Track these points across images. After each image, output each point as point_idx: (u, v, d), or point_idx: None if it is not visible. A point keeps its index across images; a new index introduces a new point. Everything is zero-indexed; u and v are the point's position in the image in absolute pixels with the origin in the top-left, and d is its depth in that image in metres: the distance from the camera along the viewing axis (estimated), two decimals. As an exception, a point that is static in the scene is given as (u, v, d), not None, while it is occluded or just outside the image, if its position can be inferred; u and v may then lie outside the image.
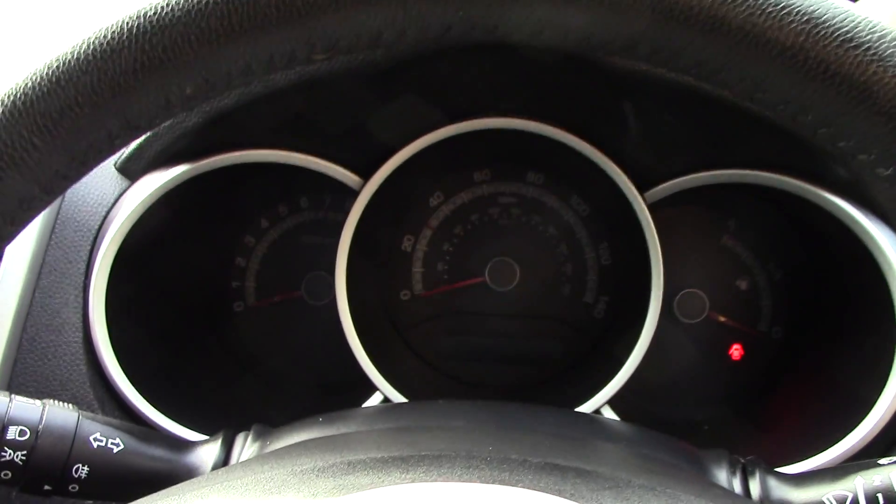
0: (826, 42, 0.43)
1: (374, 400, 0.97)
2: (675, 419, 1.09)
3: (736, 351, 1.12)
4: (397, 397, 0.96)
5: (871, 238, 0.85)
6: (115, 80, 0.46)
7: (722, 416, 1.09)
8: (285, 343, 1.15)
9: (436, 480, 0.47)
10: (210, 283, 1.14)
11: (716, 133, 0.91)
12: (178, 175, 0.89)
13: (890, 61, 0.43)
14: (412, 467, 0.50)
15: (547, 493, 0.45)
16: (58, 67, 0.46)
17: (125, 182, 0.92)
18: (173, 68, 0.47)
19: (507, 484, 0.47)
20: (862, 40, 0.43)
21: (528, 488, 0.46)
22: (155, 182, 0.89)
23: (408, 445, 0.58)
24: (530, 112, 0.93)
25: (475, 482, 0.47)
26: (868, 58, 0.44)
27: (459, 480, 0.47)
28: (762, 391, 1.10)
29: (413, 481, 0.47)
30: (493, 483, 0.47)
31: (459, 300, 1.14)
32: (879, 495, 0.59)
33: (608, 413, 0.95)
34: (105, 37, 0.46)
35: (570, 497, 0.46)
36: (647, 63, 0.48)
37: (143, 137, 0.88)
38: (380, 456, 0.53)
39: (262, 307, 1.16)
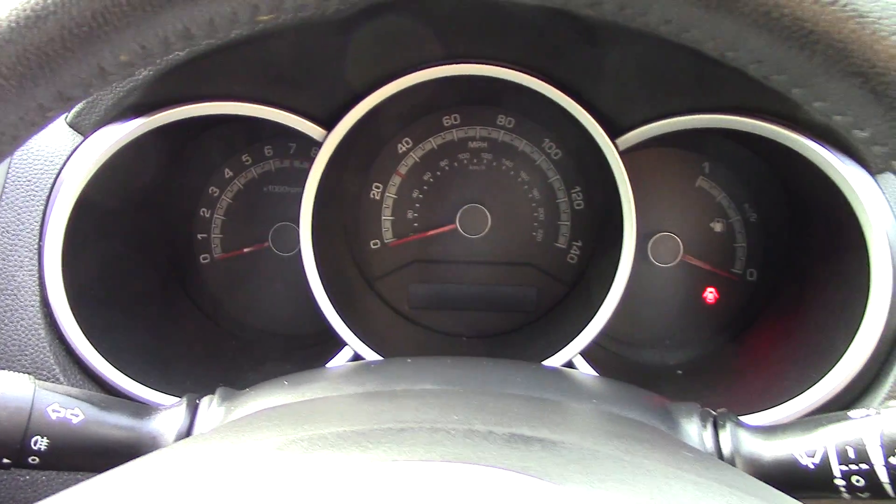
0: None
1: (344, 354, 0.95)
2: (649, 365, 1.08)
3: (710, 294, 1.11)
4: (366, 351, 0.94)
5: (845, 181, 0.83)
6: (43, 49, 0.43)
7: (696, 361, 1.09)
8: (254, 296, 1.13)
9: (396, 460, 0.46)
10: (174, 235, 1.11)
11: (688, 78, 0.89)
12: (133, 130, 0.85)
13: (867, 18, 0.41)
14: (374, 443, 0.49)
15: (512, 470, 0.44)
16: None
17: (77, 137, 0.88)
18: (105, 36, 0.43)
19: (471, 461, 0.46)
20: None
21: (492, 465, 0.45)
22: (109, 137, 0.85)
23: (371, 417, 0.57)
24: (499, 57, 0.90)
25: (437, 460, 0.46)
26: (846, 13, 0.41)
27: (421, 459, 0.46)
28: (736, 335, 1.10)
29: (374, 461, 0.46)
30: (456, 460, 0.46)
31: (430, 248, 1.12)
32: (849, 449, 0.59)
33: (580, 362, 0.94)
34: (29, 4, 0.43)
35: (536, 473, 0.45)
36: (613, 19, 0.45)
37: (93, 90, 0.85)
38: (342, 430, 0.51)
39: (229, 259, 1.13)
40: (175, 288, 1.10)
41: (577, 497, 0.40)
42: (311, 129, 0.91)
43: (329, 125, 0.91)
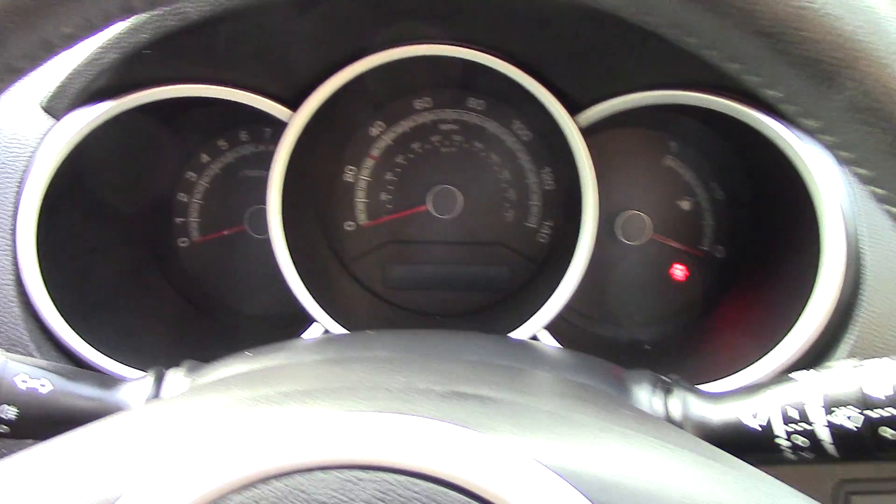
0: None
1: (315, 332, 0.97)
2: (619, 341, 1.10)
3: (679, 271, 1.13)
4: (337, 329, 0.97)
5: (797, 154, 0.85)
6: None
7: (664, 337, 1.11)
8: (231, 278, 1.15)
9: (329, 412, 0.48)
10: (153, 219, 1.13)
11: (647, 55, 0.90)
12: (102, 112, 0.87)
13: None
14: (314, 399, 0.51)
15: (438, 419, 0.45)
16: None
17: (51, 121, 0.91)
18: (47, 9, 0.46)
19: (401, 413, 0.48)
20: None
21: (418, 415, 0.47)
22: (80, 119, 0.88)
23: (318, 378, 0.59)
24: (459, 37, 0.92)
25: (366, 411, 0.48)
26: None
27: (351, 410, 0.48)
28: (705, 311, 1.12)
29: (310, 414, 0.48)
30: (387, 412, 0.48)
31: (404, 229, 1.14)
32: (792, 410, 0.61)
33: (546, 336, 0.97)
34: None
35: (465, 424, 0.46)
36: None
37: (65, 76, 0.87)
38: (287, 390, 0.53)
39: (206, 242, 1.16)
40: (152, 270, 1.12)
41: (500, 444, 0.42)
42: (277, 109, 0.93)
43: (295, 106, 0.93)
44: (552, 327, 0.98)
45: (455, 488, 0.40)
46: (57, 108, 0.90)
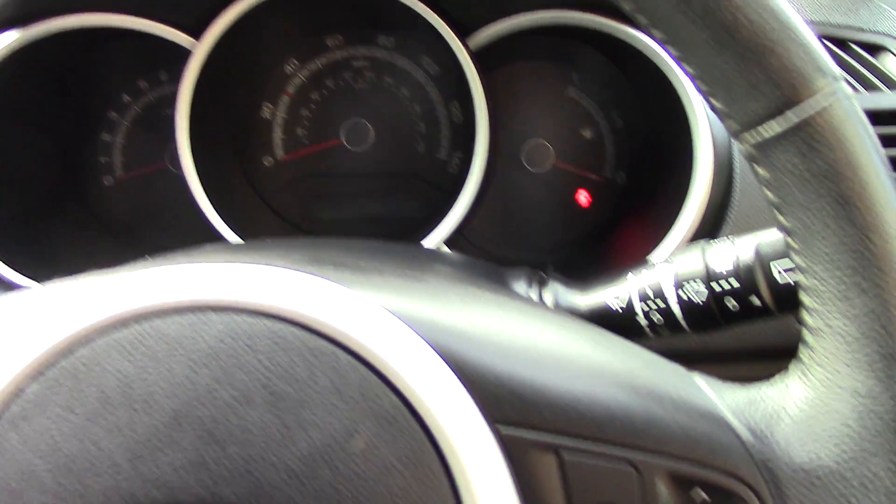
0: None
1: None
2: (522, 262, 1.15)
3: (583, 197, 1.18)
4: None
5: (673, 73, 0.91)
6: None
7: (568, 260, 1.16)
8: (154, 213, 1.20)
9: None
10: (75, 158, 1.17)
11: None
12: (7, 44, 0.92)
13: None
14: (173, 259, 0.55)
15: (297, 270, 0.48)
16: None
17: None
18: None
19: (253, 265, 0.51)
20: None
21: (281, 266, 0.50)
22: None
23: (186, 256, 0.64)
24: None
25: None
26: None
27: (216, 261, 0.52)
28: (607, 235, 1.17)
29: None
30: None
31: (320, 164, 1.19)
32: (649, 290, 0.66)
33: (445, 252, 1.02)
34: None
35: (324, 276, 0.49)
36: None
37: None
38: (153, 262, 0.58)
39: (130, 180, 1.20)
40: (76, 206, 1.17)
41: (346, 291, 0.45)
42: (182, 38, 0.98)
43: (200, 35, 0.98)
44: (457, 249, 1.03)
45: (298, 326, 0.43)
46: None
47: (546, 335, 0.49)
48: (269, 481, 0.40)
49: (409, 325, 0.44)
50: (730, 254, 0.63)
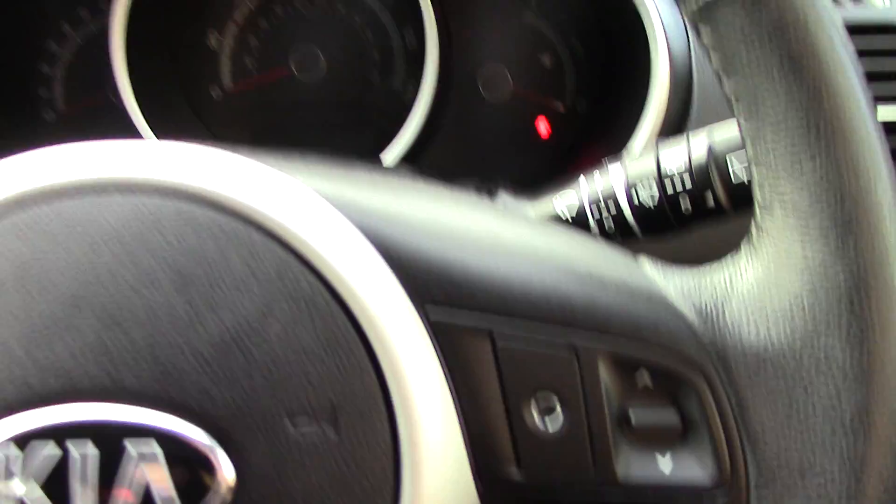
0: None
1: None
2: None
3: (543, 127, 1.15)
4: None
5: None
6: None
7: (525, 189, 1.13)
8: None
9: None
10: (13, 90, 1.12)
11: None
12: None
13: None
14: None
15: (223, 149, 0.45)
16: None
17: None
18: None
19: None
20: None
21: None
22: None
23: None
24: None
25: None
26: None
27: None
28: (568, 166, 1.15)
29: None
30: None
31: (271, 95, 1.15)
32: (600, 196, 0.63)
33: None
34: None
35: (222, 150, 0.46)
36: None
37: None
38: None
39: (72, 114, 1.15)
40: (15, 143, 1.12)
41: (274, 175, 0.42)
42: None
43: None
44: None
45: (209, 204, 0.40)
46: None
47: (482, 222, 0.46)
48: (175, 366, 0.37)
49: (330, 202, 0.41)
50: (683, 151, 0.60)
